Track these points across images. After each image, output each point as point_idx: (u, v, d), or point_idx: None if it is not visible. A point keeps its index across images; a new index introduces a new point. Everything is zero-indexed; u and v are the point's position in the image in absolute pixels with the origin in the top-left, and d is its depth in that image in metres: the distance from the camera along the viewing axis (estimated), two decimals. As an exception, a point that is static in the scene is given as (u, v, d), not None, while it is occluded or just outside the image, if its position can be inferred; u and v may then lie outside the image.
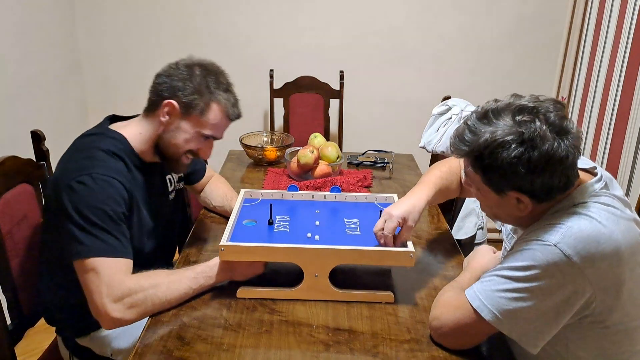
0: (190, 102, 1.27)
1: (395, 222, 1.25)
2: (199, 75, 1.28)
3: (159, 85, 1.29)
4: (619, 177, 2.29)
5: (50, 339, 1.55)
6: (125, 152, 1.29)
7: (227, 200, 1.67)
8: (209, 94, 1.28)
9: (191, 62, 1.31)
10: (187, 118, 1.28)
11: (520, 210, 1.02)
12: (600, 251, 0.93)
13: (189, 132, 1.30)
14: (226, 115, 1.31)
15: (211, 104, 1.28)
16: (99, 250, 1.15)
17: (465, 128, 1.00)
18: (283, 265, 1.33)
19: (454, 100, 2.21)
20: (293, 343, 1.10)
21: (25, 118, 2.27)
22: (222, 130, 1.34)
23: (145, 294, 1.16)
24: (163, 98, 1.28)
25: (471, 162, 1.01)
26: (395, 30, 2.90)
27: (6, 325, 1.30)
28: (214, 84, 1.29)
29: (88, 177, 1.17)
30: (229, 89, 1.33)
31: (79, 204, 1.16)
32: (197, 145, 1.33)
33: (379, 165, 2.21)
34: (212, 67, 1.32)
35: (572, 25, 2.81)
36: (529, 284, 0.95)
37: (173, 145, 1.31)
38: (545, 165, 0.93)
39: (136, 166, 1.32)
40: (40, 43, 2.45)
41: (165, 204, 1.48)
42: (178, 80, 1.27)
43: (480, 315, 0.99)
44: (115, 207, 1.19)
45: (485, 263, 1.26)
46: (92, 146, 1.26)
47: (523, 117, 0.94)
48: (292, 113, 2.86)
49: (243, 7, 2.85)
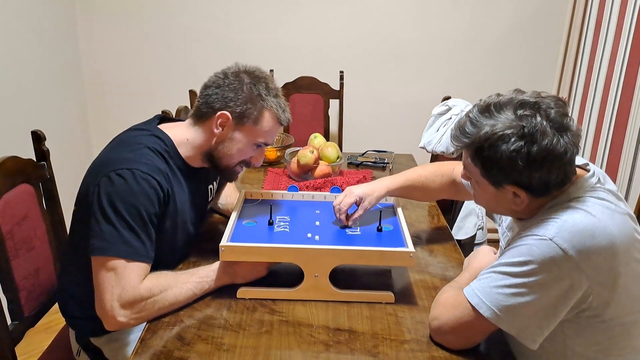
0: (244, 112, 1.25)
1: (352, 199, 1.38)
2: (249, 84, 1.26)
3: (209, 96, 1.27)
4: (619, 177, 2.29)
5: (50, 339, 1.55)
6: (171, 154, 1.28)
7: (232, 198, 1.67)
8: (261, 101, 1.26)
9: (238, 70, 1.28)
10: (241, 128, 1.27)
11: (516, 204, 1.03)
12: (596, 244, 0.93)
13: (243, 142, 1.29)
14: (278, 121, 1.30)
15: (264, 112, 1.27)
16: (120, 251, 1.14)
17: (467, 120, 1.01)
18: (283, 266, 1.33)
19: (454, 100, 2.21)
20: (293, 343, 1.10)
21: (26, 118, 2.27)
22: (274, 136, 1.34)
23: (154, 300, 1.15)
24: (215, 110, 1.26)
25: (471, 154, 1.02)
26: (395, 30, 2.90)
27: (6, 325, 1.30)
28: (264, 91, 1.27)
29: (129, 172, 1.16)
30: (278, 94, 1.31)
31: (113, 197, 1.14)
32: (251, 154, 1.32)
33: (379, 165, 2.21)
34: (261, 74, 1.30)
35: (572, 25, 2.81)
36: (527, 279, 0.96)
37: (228, 156, 1.30)
38: (544, 161, 0.94)
39: (180, 170, 1.30)
40: (40, 43, 2.45)
41: (204, 211, 1.48)
42: (229, 91, 1.25)
43: (479, 313, 1.00)
44: (148, 207, 1.18)
45: (486, 263, 1.26)
46: (138, 142, 1.24)
47: (524, 112, 0.95)
48: (292, 113, 2.83)
49: (243, 8, 2.85)
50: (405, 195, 1.50)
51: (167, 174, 1.24)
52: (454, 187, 1.46)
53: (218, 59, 3.03)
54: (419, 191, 1.48)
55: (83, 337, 1.38)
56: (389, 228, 1.38)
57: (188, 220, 1.35)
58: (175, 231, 1.31)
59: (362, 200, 1.39)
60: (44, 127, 1.56)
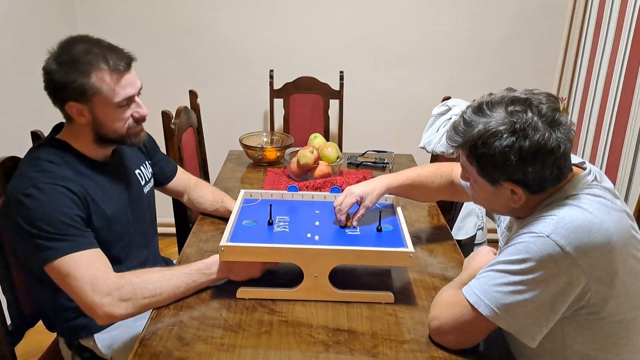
0: (79, 90, 1.18)
1: (353, 199, 1.38)
2: (63, 63, 1.19)
3: (51, 96, 1.24)
4: (619, 177, 2.29)
5: (50, 340, 1.55)
6: (71, 156, 1.27)
7: (219, 202, 1.66)
8: (80, 73, 1.18)
9: (48, 62, 1.21)
10: (91, 102, 1.21)
11: (514, 201, 1.04)
12: (592, 240, 0.94)
13: (108, 112, 1.23)
14: (114, 70, 1.20)
15: (91, 78, 1.18)
16: (64, 248, 1.14)
17: (461, 121, 1.03)
18: (283, 266, 1.33)
19: (454, 100, 2.21)
20: (293, 343, 1.10)
21: (26, 118, 2.27)
22: (127, 87, 1.24)
23: (133, 286, 1.15)
24: (63, 105, 1.23)
25: (466, 152, 1.04)
26: (395, 30, 2.90)
27: (6, 325, 1.30)
28: (75, 60, 1.19)
29: (34, 189, 1.15)
30: (89, 49, 1.20)
31: (31, 218, 1.14)
32: (127, 113, 1.26)
33: (379, 165, 2.21)
34: (68, 45, 1.21)
35: (572, 25, 2.81)
36: (525, 276, 0.96)
37: (110, 128, 1.26)
38: (536, 155, 0.96)
39: (89, 168, 1.29)
40: (41, 43, 2.45)
41: (141, 196, 1.45)
42: (53, 83, 1.20)
43: (478, 311, 1.00)
44: (69, 212, 1.17)
45: (485, 263, 1.26)
46: (34, 157, 1.24)
47: (515, 108, 0.97)
48: (292, 113, 2.86)
49: (243, 8, 2.85)
50: (404, 194, 1.50)
51: (73, 179, 1.22)
52: (452, 188, 1.47)
53: (218, 59, 3.05)
54: (418, 190, 1.49)
55: (72, 341, 1.39)
56: (388, 228, 1.38)
57: (121, 210, 1.34)
58: (110, 225, 1.30)
59: (362, 199, 1.39)
60: (44, 127, 1.56)
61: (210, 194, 1.69)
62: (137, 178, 1.46)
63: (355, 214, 1.39)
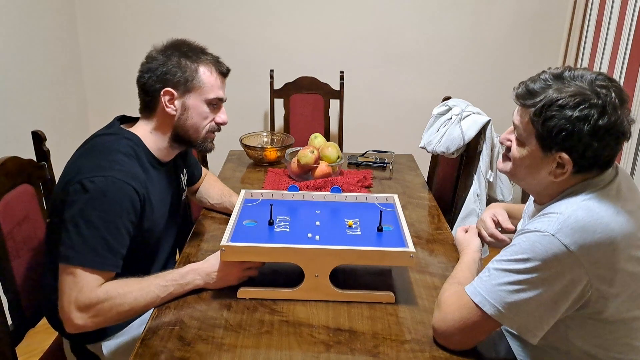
0: (183, 78, 1.28)
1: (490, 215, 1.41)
2: (173, 53, 1.29)
3: (146, 85, 1.29)
4: (619, 177, 2.29)
5: (51, 339, 1.55)
6: (142, 152, 1.28)
7: (226, 196, 1.68)
8: (191, 62, 1.29)
9: (159, 48, 1.31)
10: (188, 94, 1.29)
11: (555, 175, 1.03)
12: (596, 240, 0.95)
13: (197, 105, 1.31)
14: (217, 71, 1.33)
15: (199, 69, 1.30)
16: (87, 260, 1.13)
17: (538, 80, 1.03)
18: (283, 266, 1.33)
19: (454, 100, 2.20)
20: (294, 343, 1.10)
21: (26, 118, 2.27)
22: (221, 89, 1.36)
23: (111, 303, 1.15)
24: (158, 91, 1.28)
25: (533, 112, 1.01)
26: (395, 30, 2.90)
27: (7, 325, 1.30)
28: (190, 52, 1.31)
29: (103, 180, 1.14)
30: (204, 50, 1.35)
31: (87, 205, 1.13)
32: (211, 115, 1.34)
33: (379, 165, 2.21)
34: (177, 41, 1.34)
35: (572, 25, 2.81)
36: (529, 275, 0.97)
37: (192, 126, 1.32)
38: (607, 133, 0.96)
39: (153, 166, 1.32)
40: (40, 43, 2.45)
41: (180, 201, 1.50)
42: (160, 69, 1.28)
43: (483, 311, 1.00)
44: (123, 216, 1.17)
45: (476, 245, 1.34)
46: (110, 147, 1.24)
47: (601, 83, 0.98)
48: (292, 113, 2.86)
49: (243, 8, 2.86)
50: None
51: (140, 178, 1.23)
52: None
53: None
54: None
55: (78, 345, 1.38)
56: (389, 228, 1.38)
57: (165, 214, 1.37)
58: (153, 229, 1.31)
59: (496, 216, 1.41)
60: (44, 128, 1.56)
61: (218, 187, 1.73)
62: (181, 184, 1.49)
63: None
